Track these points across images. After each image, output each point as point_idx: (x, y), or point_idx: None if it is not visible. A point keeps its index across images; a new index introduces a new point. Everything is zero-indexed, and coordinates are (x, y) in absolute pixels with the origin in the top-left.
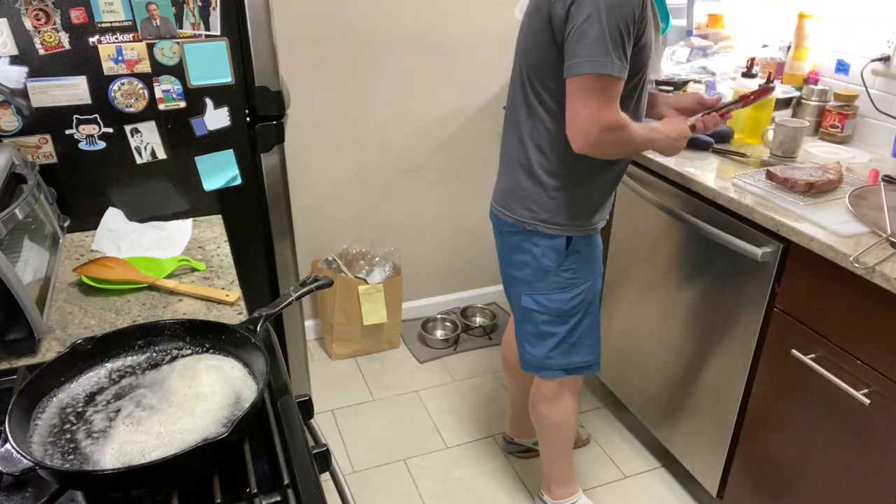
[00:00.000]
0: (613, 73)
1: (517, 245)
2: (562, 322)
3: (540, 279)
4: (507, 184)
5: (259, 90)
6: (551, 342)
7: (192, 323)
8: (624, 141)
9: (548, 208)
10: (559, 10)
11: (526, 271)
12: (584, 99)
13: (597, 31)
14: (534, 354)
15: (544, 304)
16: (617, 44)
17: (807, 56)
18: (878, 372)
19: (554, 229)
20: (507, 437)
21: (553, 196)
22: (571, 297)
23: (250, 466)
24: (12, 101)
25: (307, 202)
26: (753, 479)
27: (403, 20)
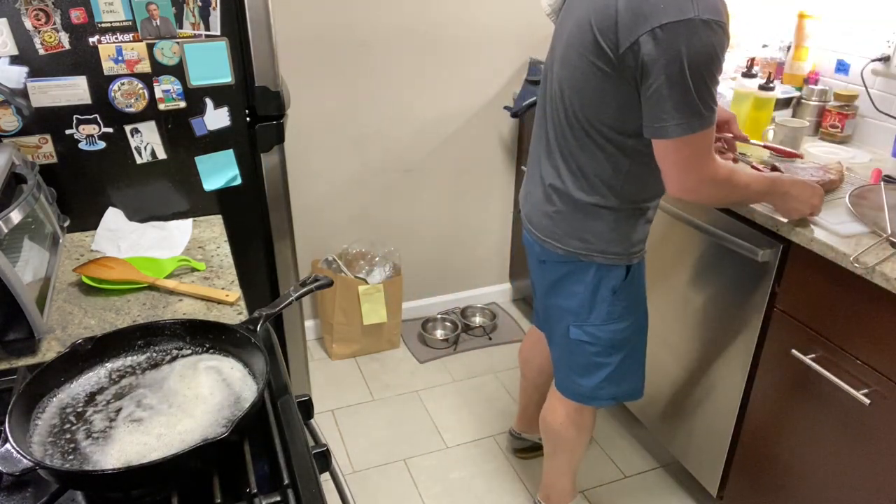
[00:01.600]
0: (706, 128)
1: (567, 276)
2: (615, 352)
3: (592, 310)
4: (555, 213)
5: (259, 90)
6: (603, 373)
7: (192, 323)
8: (729, 191)
9: (605, 238)
10: (628, 58)
11: (576, 302)
12: (674, 156)
13: (682, 91)
14: (585, 386)
15: (597, 335)
16: (706, 97)
17: (807, 56)
18: (878, 372)
19: (613, 259)
20: (514, 432)
21: (613, 226)
22: (625, 326)
23: (250, 466)
24: (12, 101)
25: (307, 202)
26: (753, 479)
27: (403, 20)
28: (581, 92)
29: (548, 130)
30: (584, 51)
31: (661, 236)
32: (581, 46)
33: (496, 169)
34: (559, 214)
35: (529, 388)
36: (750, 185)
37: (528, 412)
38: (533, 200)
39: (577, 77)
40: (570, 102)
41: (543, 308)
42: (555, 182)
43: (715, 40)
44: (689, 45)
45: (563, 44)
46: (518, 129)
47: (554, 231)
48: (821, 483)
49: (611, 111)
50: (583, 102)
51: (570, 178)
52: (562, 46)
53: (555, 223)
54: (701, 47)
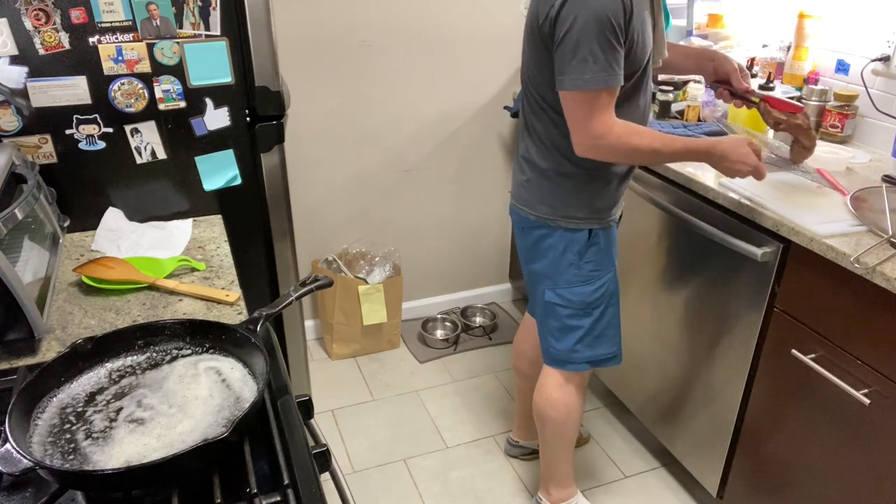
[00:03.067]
0: (597, 86)
1: (539, 240)
2: (585, 315)
3: (562, 273)
4: (524, 180)
5: (259, 90)
6: (576, 335)
7: (192, 323)
8: (631, 153)
9: (568, 204)
10: (545, 27)
11: (548, 266)
12: (572, 111)
13: (575, 46)
14: (559, 349)
15: (567, 297)
16: (598, 57)
17: (807, 56)
18: (878, 372)
19: (576, 223)
20: (511, 440)
21: (573, 192)
22: (594, 289)
23: (250, 466)
24: (12, 101)
25: (307, 202)
26: (753, 479)
27: (403, 20)
28: (528, 66)
29: (522, 109)
30: (529, 31)
31: (661, 236)
32: (528, 28)
33: (496, 169)
34: (529, 182)
35: (525, 385)
36: (659, 149)
37: (526, 416)
38: (513, 173)
39: (526, 54)
40: (526, 77)
41: (526, 276)
42: (525, 153)
43: (607, 4)
44: (583, 9)
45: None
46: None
47: (527, 199)
48: (821, 483)
49: (544, 78)
50: (530, 75)
51: (534, 148)
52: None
53: (527, 191)
54: (592, 11)
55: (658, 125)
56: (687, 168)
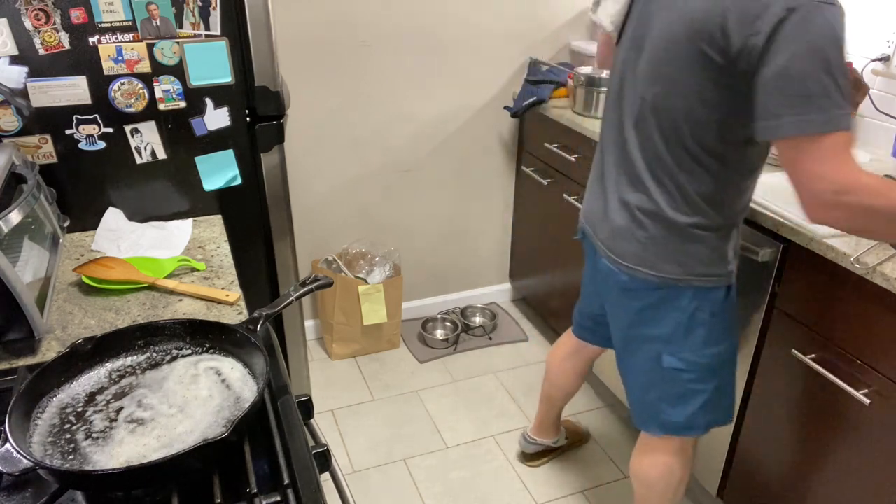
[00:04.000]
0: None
1: (660, 303)
2: (712, 377)
3: (689, 335)
4: (647, 238)
5: (259, 90)
6: (699, 400)
7: (192, 323)
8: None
9: (704, 261)
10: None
11: (671, 330)
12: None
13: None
14: (678, 417)
15: (694, 361)
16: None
17: None
18: (878, 372)
19: (713, 282)
20: (529, 437)
21: (713, 247)
22: (725, 348)
23: (250, 466)
24: (12, 101)
25: (307, 202)
26: (753, 478)
27: (403, 20)
28: (680, 106)
29: (629, 151)
30: (685, 63)
31: None
32: (679, 60)
33: (496, 169)
34: (652, 240)
35: (556, 393)
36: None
37: (550, 417)
38: (614, 227)
39: (677, 91)
40: (667, 120)
41: (623, 339)
42: (645, 205)
43: (837, 24)
44: (809, 31)
45: (647, 60)
46: (518, 129)
47: (645, 258)
48: (820, 483)
49: (716, 120)
50: (685, 117)
51: (666, 200)
52: (646, 62)
53: (646, 249)
54: (824, 32)
55: None
56: None
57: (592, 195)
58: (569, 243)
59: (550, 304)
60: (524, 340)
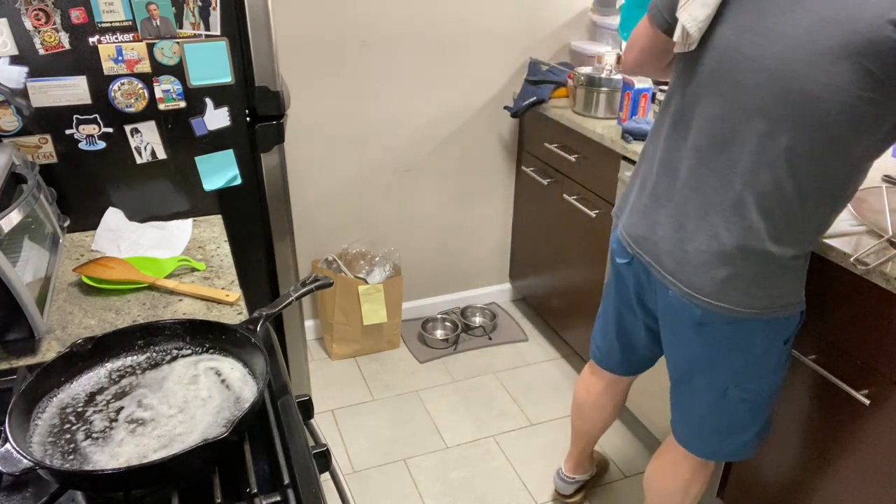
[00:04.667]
0: None
1: (737, 336)
2: (769, 403)
3: (760, 365)
4: (733, 275)
5: (259, 90)
6: (755, 428)
7: (192, 323)
8: None
9: (791, 290)
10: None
11: (743, 361)
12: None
13: None
14: (731, 446)
15: (759, 389)
16: None
17: None
18: (878, 372)
19: (792, 310)
20: (565, 476)
21: (800, 275)
22: (786, 373)
23: (250, 466)
24: (12, 101)
25: (307, 202)
26: (753, 478)
27: (403, 20)
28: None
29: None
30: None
31: None
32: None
33: (496, 169)
34: (740, 273)
35: (593, 430)
36: None
37: (587, 452)
38: (690, 258)
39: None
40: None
41: (686, 371)
42: (743, 236)
43: None
44: None
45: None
46: (518, 129)
47: (727, 292)
48: (820, 483)
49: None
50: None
51: (770, 231)
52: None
53: (731, 283)
54: None
55: None
56: None
57: (648, 219)
58: (569, 243)
59: (550, 304)
60: (524, 340)
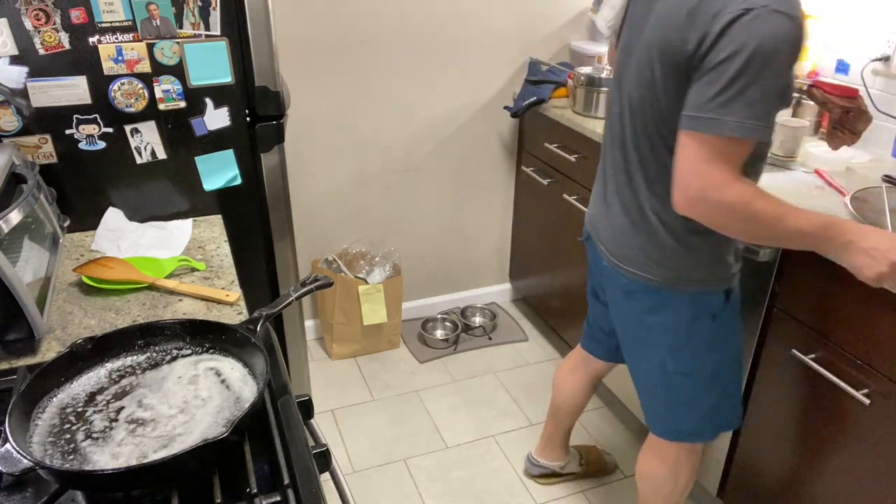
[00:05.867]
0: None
1: (661, 306)
2: (716, 383)
3: (691, 340)
4: (641, 240)
5: (259, 90)
6: (705, 407)
7: (192, 323)
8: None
9: (702, 264)
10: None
11: (672, 333)
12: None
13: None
14: (686, 423)
15: (698, 366)
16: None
17: (806, 56)
18: (878, 372)
19: (712, 284)
20: (533, 459)
21: (710, 250)
22: (728, 353)
23: (250, 466)
24: (12, 101)
25: (307, 202)
26: (753, 478)
27: (403, 19)
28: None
29: (627, 153)
30: (659, 53)
31: None
32: (651, 62)
33: (496, 169)
34: (649, 242)
35: (563, 407)
36: (783, 218)
37: (554, 439)
38: (615, 229)
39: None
40: (652, 123)
41: (629, 344)
42: (644, 208)
43: (789, 33)
44: (756, 35)
45: (635, 63)
46: (518, 129)
47: (642, 261)
48: (821, 483)
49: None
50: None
51: (661, 203)
52: (633, 65)
53: (643, 252)
54: (769, 39)
55: None
56: None
57: (596, 197)
58: (569, 243)
59: (550, 304)
60: (524, 340)
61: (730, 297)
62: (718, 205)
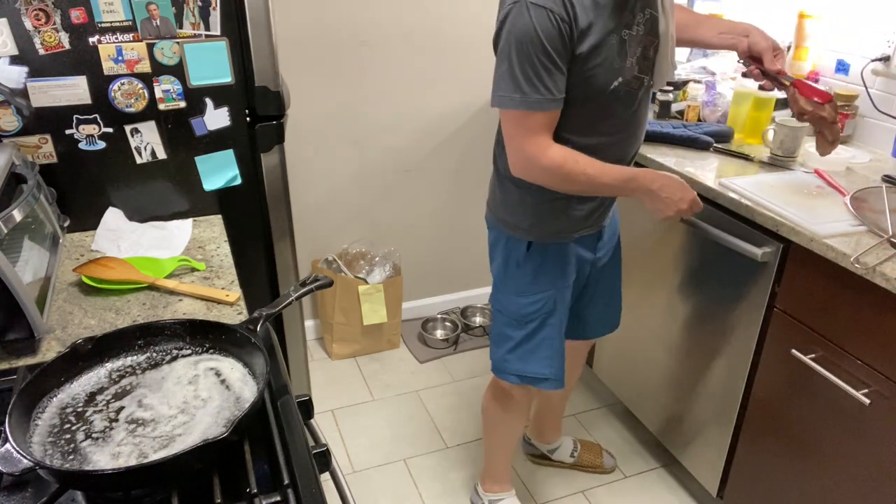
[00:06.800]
0: (526, 108)
1: (493, 242)
2: (518, 327)
3: (505, 279)
4: (491, 185)
5: (259, 90)
6: (508, 345)
7: (192, 323)
8: (563, 179)
9: (511, 212)
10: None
11: (496, 270)
12: (506, 129)
13: (508, 64)
14: (495, 353)
15: (505, 304)
16: (529, 77)
17: (807, 56)
18: (878, 372)
19: (517, 233)
20: (526, 437)
21: (517, 200)
22: (529, 303)
23: (250, 466)
24: (12, 101)
25: (307, 202)
26: (753, 479)
27: (403, 20)
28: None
29: None
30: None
31: (660, 236)
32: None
33: None
34: (490, 183)
35: (547, 395)
36: (594, 177)
37: (542, 418)
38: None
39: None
40: None
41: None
42: (495, 158)
43: (537, 22)
44: (515, 26)
45: None
46: None
47: (489, 197)
48: (820, 483)
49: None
50: None
51: (497, 152)
52: None
53: (490, 190)
54: (523, 27)
55: (658, 125)
56: (686, 168)
57: None
58: None
59: None
60: None
61: (529, 249)
62: (539, 170)
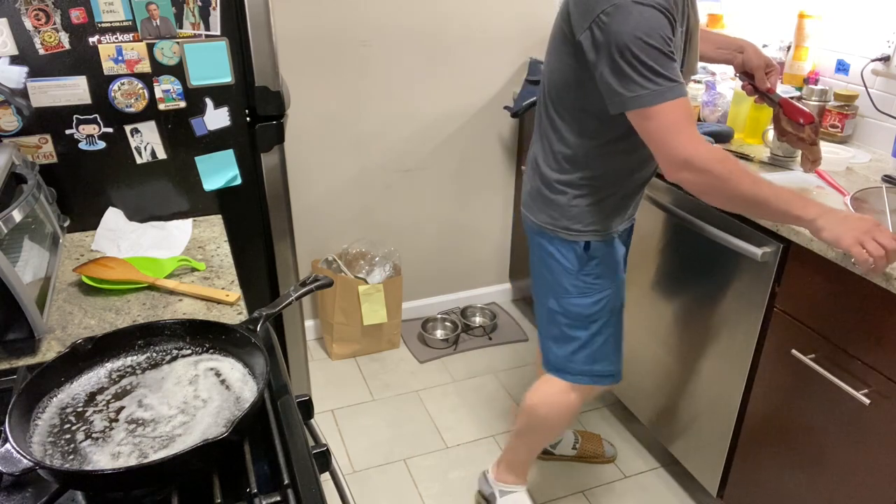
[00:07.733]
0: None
1: (541, 247)
2: (583, 327)
3: (562, 281)
4: (531, 188)
5: (259, 90)
6: (573, 345)
7: (192, 323)
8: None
9: (567, 215)
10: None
11: (549, 273)
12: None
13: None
14: (558, 355)
15: (567, 308)
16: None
17: (807, 56)
18: (878, 372)
19: (573, 235)
20: None
21: (573, 204)
22: (592, 302)
23: (250, 466)
24: (12, 101)
25: (307, 202)
26: (753, 479)
27: (403, 20)
28: (552, 75)
29: (538, 117)
30: (558, 37)
31: (661, 236)
32: (554, 38)
33: (496, 169)
34: (535, 190)
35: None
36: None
37: None
38: (524, 180)
39: (552, 63)
40: (547, 87)
41: (533, 280)
42: (535, 160)
43: (650, 16)
44: (624, 25)
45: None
46: (518, 129)
47: (531, 205)
48: (821, 483)
49: (573, 92)
50: (554, 85)
51: (542, 155)
52: (548, 47)
53: (532, 198)
54: (635, 24)
55: None
56: None
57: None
58: None
59: None
60: (524, 340)
61: (588, 250)
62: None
